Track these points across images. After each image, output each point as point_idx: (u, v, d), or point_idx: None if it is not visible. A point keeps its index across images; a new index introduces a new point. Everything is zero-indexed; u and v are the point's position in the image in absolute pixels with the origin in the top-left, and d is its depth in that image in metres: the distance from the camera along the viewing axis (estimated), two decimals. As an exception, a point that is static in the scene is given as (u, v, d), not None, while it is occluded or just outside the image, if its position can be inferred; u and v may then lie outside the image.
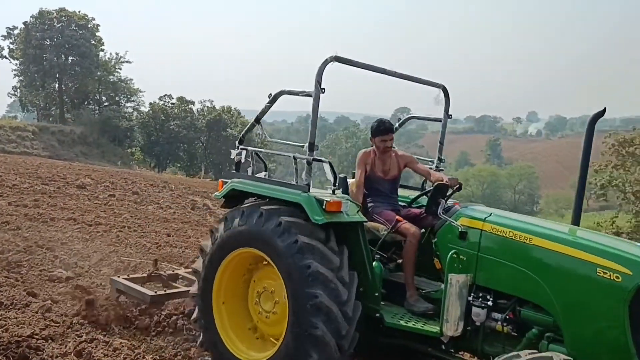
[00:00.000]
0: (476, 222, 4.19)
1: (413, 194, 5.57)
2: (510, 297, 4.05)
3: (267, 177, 4.78)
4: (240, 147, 5.00)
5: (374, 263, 4.53)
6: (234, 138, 52.01)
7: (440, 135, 5.82)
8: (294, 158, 4.38)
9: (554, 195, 74.59)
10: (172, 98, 54.07)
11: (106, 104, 51.89)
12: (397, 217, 4.75)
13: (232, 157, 4.94)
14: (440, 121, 5.75)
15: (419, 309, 4.44)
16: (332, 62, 4.18)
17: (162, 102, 53.56)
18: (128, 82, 52.40)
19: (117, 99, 52.45)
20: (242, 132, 5.09)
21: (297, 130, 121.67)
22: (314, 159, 4.31)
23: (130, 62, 52.50)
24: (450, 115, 5.68)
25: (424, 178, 5.48)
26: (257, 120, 5.01)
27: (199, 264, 4.86)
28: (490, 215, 4.24)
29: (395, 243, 4.95)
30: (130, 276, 6.12)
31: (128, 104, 53.22)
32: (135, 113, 53.43)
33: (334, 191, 4.40)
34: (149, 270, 6.36)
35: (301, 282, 4.03)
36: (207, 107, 54.29)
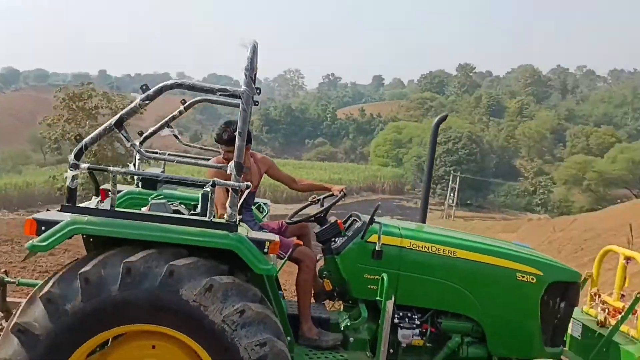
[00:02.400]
0: (393, 238, 3.92)
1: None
2: (426, 311, 4.03)
3: (98, 206, 3.32)
4: (86, 165, 3.06)
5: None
6: None
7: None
8: (214, 184, 2.99)
9: (10, 151, 61.42)
10: None
11: None
12: (296, 240, 3.97)
13: (68, 183, 3.01)
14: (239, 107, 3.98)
15: (327, 342, 3.85)
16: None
17: None
18: None
19: None
20: (85, 142, 3.03)
21: None
22: (247, 186, 3.07)
23: None
24: (257, 102, 3.80)
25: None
26: (119, 124, 3.00)
27: None
28: (400, 228, 4.04)
29: None
30: None
31: None
32: None
33: (240, 220, 3.19)
34: None
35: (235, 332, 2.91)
36: None
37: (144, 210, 3.62)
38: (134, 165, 4.68)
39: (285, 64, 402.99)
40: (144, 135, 4.59)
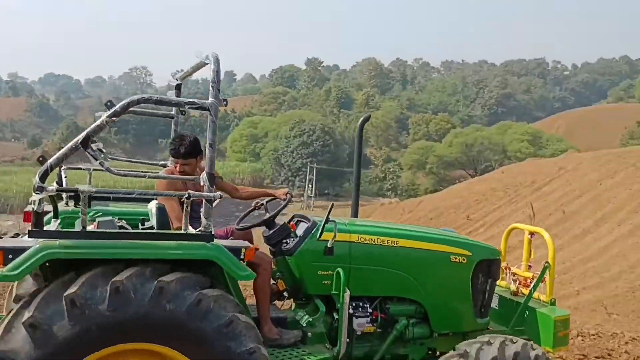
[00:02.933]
0: (342, 234, 4.12)
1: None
2: (375, 299, 4.28)
3: (57, 227, 3.34)
4: (54, 187, 2.97)
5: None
6: None
7: None
8: (188, 195, 3.07)
9: None
10: None
11: None
12: (253, 245, 3.96)
13: (33, 207, 2.86)
14: (173, 118, 4.88)
15: (289, 340, 4.02)
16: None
17: None
18: None
19: None
20: (50, 163, 2.88)
21: None
22: (220, 196, 3.17)
23: None
24: (184, 111, 3.85)
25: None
26: (85, 142, 2.90)
27: None
28: (347, 224, 4.29)
29: None
30: None
31: None
32: None
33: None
34: None
35: (223, 341, 3.01)
36: None
37: (90, 228, 3.48)
38: (59, 183, 4.37)
39: (131, 61, 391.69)
40: None
